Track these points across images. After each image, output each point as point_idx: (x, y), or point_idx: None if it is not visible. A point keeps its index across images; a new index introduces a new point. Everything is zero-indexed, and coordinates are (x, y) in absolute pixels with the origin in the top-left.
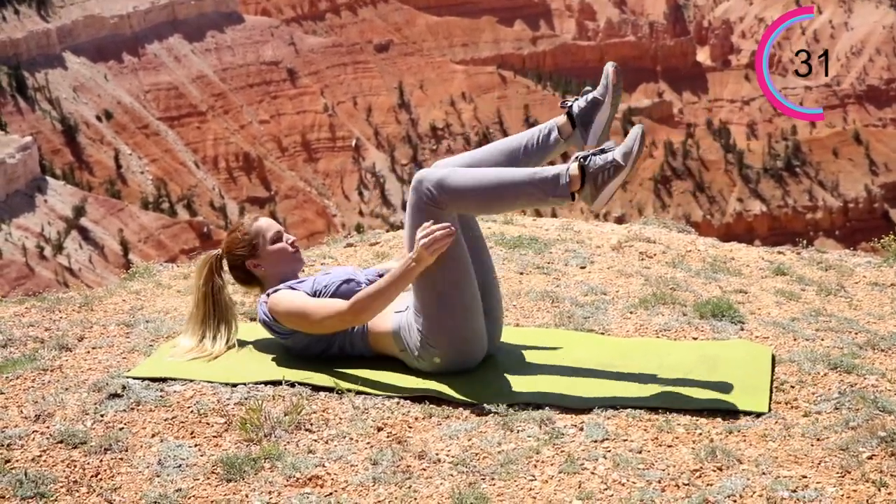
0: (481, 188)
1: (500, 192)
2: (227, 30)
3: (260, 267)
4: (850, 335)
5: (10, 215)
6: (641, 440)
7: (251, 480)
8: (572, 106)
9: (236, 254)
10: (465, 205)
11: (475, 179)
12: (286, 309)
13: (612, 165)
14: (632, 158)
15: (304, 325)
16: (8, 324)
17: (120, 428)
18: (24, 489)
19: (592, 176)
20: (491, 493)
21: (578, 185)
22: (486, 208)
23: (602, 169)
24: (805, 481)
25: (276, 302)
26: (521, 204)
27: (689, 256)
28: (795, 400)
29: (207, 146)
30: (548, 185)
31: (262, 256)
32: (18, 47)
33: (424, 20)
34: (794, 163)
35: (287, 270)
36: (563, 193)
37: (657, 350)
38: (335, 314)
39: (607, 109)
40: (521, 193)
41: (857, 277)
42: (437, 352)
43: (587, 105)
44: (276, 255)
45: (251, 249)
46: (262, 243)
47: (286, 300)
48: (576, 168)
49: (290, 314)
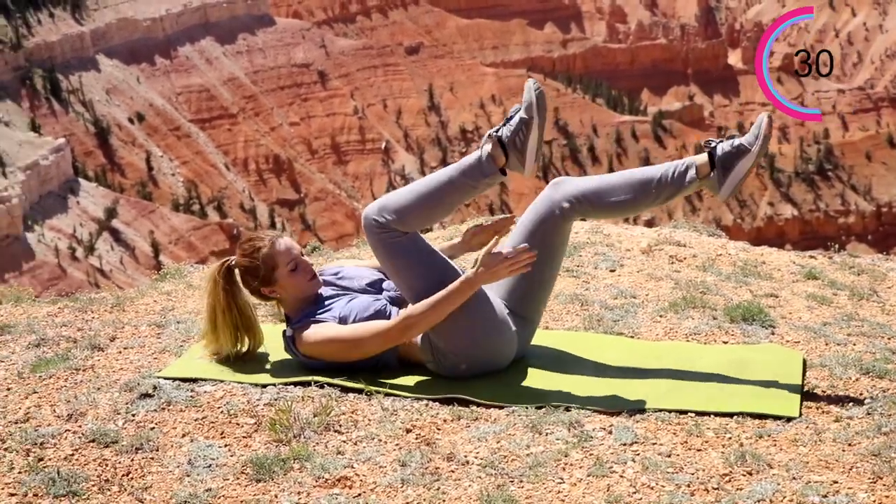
0: (621, 189)
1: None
2: (258, 32)
3: (275, 293)
4: (883, 340)
5: (44, 217)
6: (671, 444)
7: (280, 481)
8: (716, 147)
9: (249, 282)
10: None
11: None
12: (320, 343)
13: (739, 149)
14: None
15: (343, 353)
16: (41, 324)
17: (151, 428)
18: (56, 487)
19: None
20: (519, 496)
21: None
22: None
23: (729, 155)
24: (836, 487)
25: (306, 339)
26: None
27: (719, 260)
28: (826, 405)
29: (238, 148)
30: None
31: (280, 284)
32: (53, 50)
33: (455, 22)
34: (826, 166)
35: (304, 295)
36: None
37: (687, 354)
38: (378, 334)
39: (752, 159)
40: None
41: (890, 282)
42: (461, 359)
43: (732, 150)
44: (294, 284)
45: (267, 281)
46: (280, 273)
47: (317, 335)
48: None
49: (324, 347)
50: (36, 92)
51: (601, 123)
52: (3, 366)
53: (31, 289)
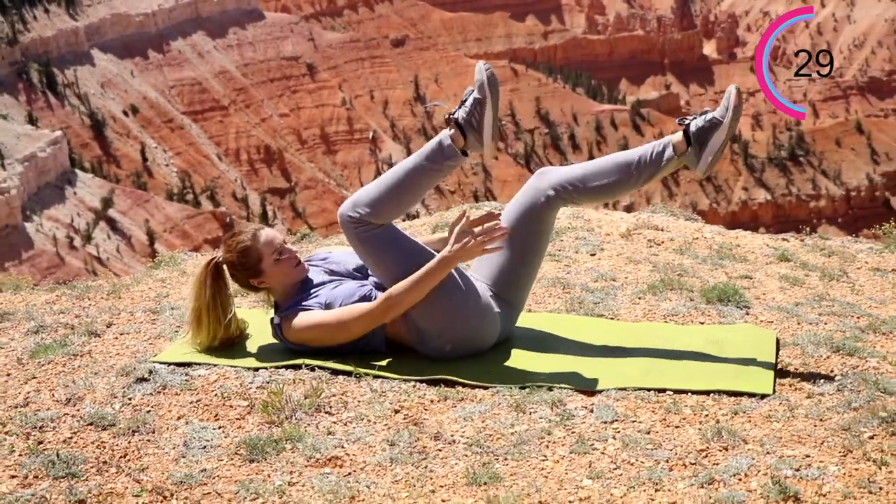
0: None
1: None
2: (248, 26)
3: (263, 283)
4: (853, 319)
5: (42, 207)
6: (650, 421)
7: (273, 461)
8: (690, 123)
9: (237, 275)
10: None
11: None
12: (306, 329)
13: (711, 122)
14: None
15: (329, 337)
16: (40, 311)
17: (147, 411)
18: (56, 469)
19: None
20: (504, 473)
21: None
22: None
23: (703, 129)
24: (808, 460)
25: (292, 326)
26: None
27: (695, 244)
28: (799, 382)
29: (230, 139)
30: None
31: (267, 274)
32: (48, 45)
33: (439, 16)
34: (797, 152)
35: (292, 281)
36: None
37: (665, 334)
38: (362, 316)
39: (725, 131)
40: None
41: (859, 263)
42: (445, 340)
43: (705, 124)
44: (279, 272)
45: (254, 272)
46: (265, 264)
47: (303, 322)
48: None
49: (310, 332)
50: (32, 86)
51: (581, 112)
52: (3, 352)
53: (29, 277)
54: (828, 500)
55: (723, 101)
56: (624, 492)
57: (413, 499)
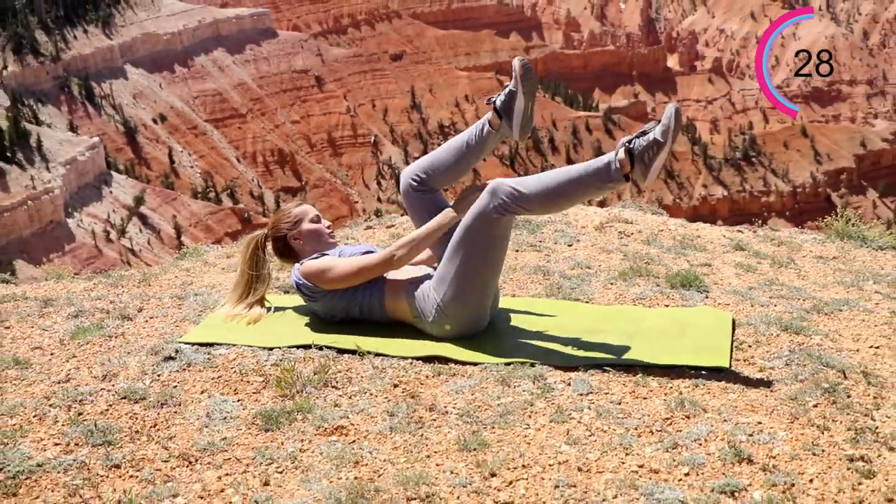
0: (548, 191)
1: (564, 191)
2: (263, 43)
3: (299, 241)
4: (799, 302)
5: (82, 205)
6: (620, 393)
7: (286, 430)
8: (495, 101)
9: (281, 227)
10: (534, 208)
11: (542, 184)
12: (319, 269)
13: (654, 144)
14: (670, 134)
15: (338, 277)
16: (79, 297)
17: (174, 386)
18: (94, 438)
19: (639, 157)
20: (491, 440)
21: (629, 167)
22: (554, 207)
23: (647, 149)
24: (760, 427)
25: (309, 264)
26: (583, 196)
27: (661, 235)
28: (752, 357)
29: (247, 143)
30: (602, 173)
31: (303, 232)
32: (87, 62)
33: (433, 33)
34: (750, 154)
35: (320, 248)
36: (618, 177)
37: (634, 316)
38: (370, 261)
39: (522, 98)
40: (581, 187)
41: (805, 252)
42: (449, 320)
43: (506, 97)
44: (314, 234)
45: (294, 225)
46: (303, 224)
47: (318, 262)
48: (623, 153)
49: (324, 273)
50: (73, 97)
51: (559, 118)
52: (47, 334)
53: (70, 267)
54: (777, 461)
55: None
56: (598, 456)
57: (410, 463)
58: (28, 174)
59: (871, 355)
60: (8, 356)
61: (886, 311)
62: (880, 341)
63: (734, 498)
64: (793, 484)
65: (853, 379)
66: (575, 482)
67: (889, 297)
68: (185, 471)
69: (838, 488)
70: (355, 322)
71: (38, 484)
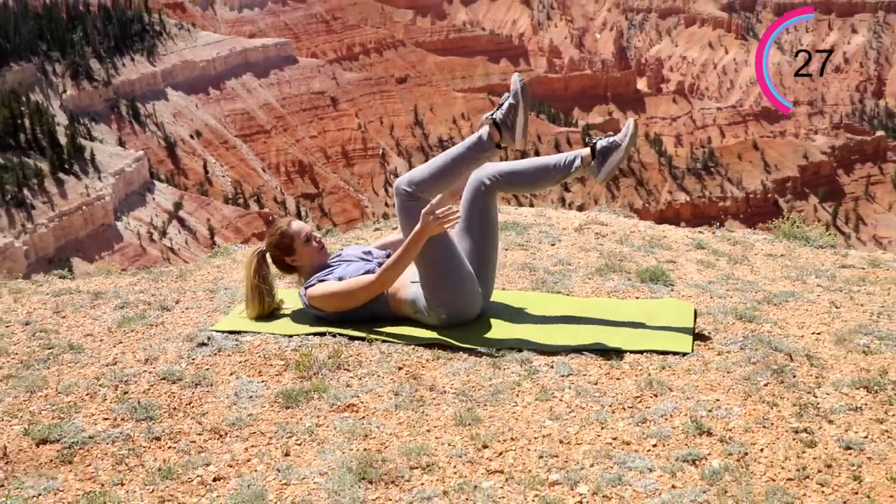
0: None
1: (542, 174)
2: (285, 69)
3: (296, 261)
4: (752, 294)
5: (129, 209)
6: (597, 375)
7: (304, 407)
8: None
9: (276, 255)
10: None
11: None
12: (322, 296)
13: (613, 144)
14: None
15: (339, 303)
16: (125, 291)
17: (206, 368)
18: (137, 413)
19: (600, 152)
20: (484, 416)
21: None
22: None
23: (606, 148)
24: (718, 403)
25: (313, 294)
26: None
27: (632, 235)
28: (711, 343)
29: (271, 155)
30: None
31: (298, 252)
32: (134, 86)
33: (433, 59)
34: (709, 164)
35: (316, 262)
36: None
37: (609, 307)
38: (365, 286)
39: (622, 152)
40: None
41: (756, 250)
42: (441, 310)
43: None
44: (308, 252)
45: (288, 251)
46: (297, 244)
47: (320, 291)
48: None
49: (326, 299)
50: (122, 117)
51: (544, 133)
52: (97, 323)
53: (118, 264)
54: (732, 434)
55: (623, 129)
56: (577, 430)
57: (413, 436)
58: (83, 183)
59: (813, 340)
60: (64, 342)
61: (826, 302)
62: (821, 328)
63: (695, 466)
64: (746, 453)
65: (798, 361)
66: (557, 453)
67: (829, 290)
68: (216, 443)
69: (785, 456)
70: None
71: (90, 453)
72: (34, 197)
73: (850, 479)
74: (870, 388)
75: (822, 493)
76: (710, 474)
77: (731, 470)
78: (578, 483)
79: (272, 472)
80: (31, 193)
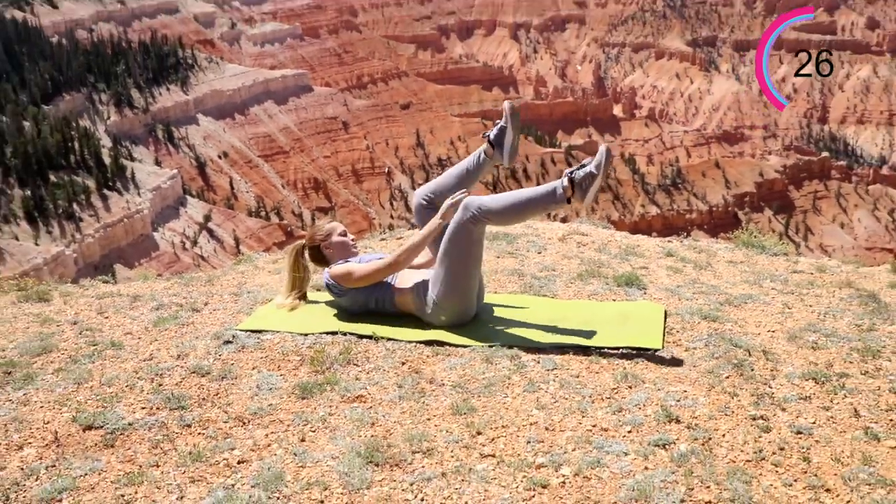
0: (507, 207)
1: (519, 208)
2: (302, 96)
3: (329, 249)
4: (715, 296)
5: (164, 221)
6: (578, 368)
7: (318, 398)
8: (490, 135)
9: (316, 239)
10: (496, 220)
11: (503, 202)
12: (344, 270)
13: (589, 174)
14: (602, 168)
15: (357, 280)
16: (160, 294)
17: (231, 363)
18: (171, 403)
19: (578, 184)
20: (478, 406)
21: (570, 192)
22: (511, 221)
23: (583, 179)
24: (685, 394)
25: (336, 269)
26: (536, 213)
27: (609, 244)
28: (679, 340)
29: (290, 173)
30: (551, 196)
31: (333, 243)
32: (169, 112)
33: (433, 88)
34: (677, 181)
35: (346, 256)
36: (562, 199)
37: (589, 308)
38: (382, 264)
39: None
40: (536, 206)
41: (719, 258)
42: (443, 312)
43: (497, 132)
44: (341, 245)
45: (326, 237)
46: (333, 236)
47: (344, 266)
48: (566, 181)
49: (347, 273)
50: (158, 139)
51: (531, 154)
52: (136, 322)
53: (155, 270)
54: (698, 420)
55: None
56: (561, 417)
57: (414, 424)
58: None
59: (768, 337)
60: (107, 339)
61: (780, 304)
62: (776, 326)
63: (665, 449)
64: (710, 438)
65: (755, 356)
66: (543, 438)
67: (782, 293)
68: (240, 429)
69: (744, 440)
70: (371, 314)
71: (129, 438)
72: (82, 211)
73: (801, 460)
74: (817, 380)
75: (776, 473)
76: (679, 457)
77: (697, 453)
78: (562, 465)
79: (290, 455)
80: (79, 207)
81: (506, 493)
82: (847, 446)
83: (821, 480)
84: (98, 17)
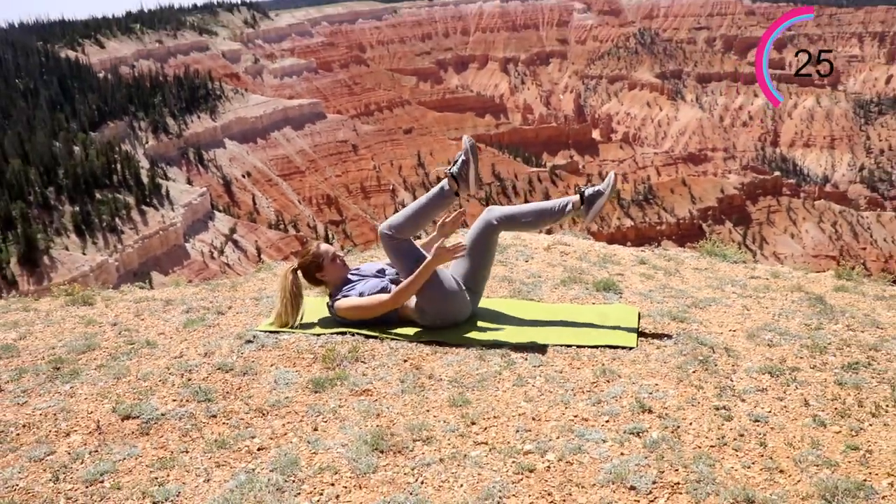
0: (526, 213)
1: (540, 217)
2: (316, 123)
3: (324, 275)
4: (683, 300)
5: (195, 233)
6: (562, 365)
7: (329, 392)
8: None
9: (308, 269)
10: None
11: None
12: (347, 308)
13: (597, 192)
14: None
15: (362, 315)
16: (190, 298)
17: (252, 361)
18: (199, 396)
19: (587, 200)
20: (472, 399)
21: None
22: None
23: (592, 196)
24: (657, 387)
25: (339, 307)
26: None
27: (589, 253)
28: (651, 339)
29: (305, 191)
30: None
31: (325, 268)
32: (199, 137)
33: (432, 115)
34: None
35: (340, 276)
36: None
37: (571, 311)
38: (382, 303)
39: (605, 199)
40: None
41: (686, 265)
42: (436, 318)
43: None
44: (333, 268)
45: (317, 267)
46: (324, 261)
47: (346, 305)
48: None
49: (350, 311)
50: (189, 161)
51: (519, 172)
52: (168, 324)
53: (185, 277)
54: (668, 411)
55: (606, 180)
56: (546, 409)
57: (415, 415)
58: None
59: (730, 336)
60: (143, 339)
61: (740, 306)
62: (736, 326)
63: (639, 437)
64: (678, 426)
65: (719, 353)
66: (530, 428)
67: (741, 296)
68: (260, 420)
69: (708, 428)
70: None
71: (162, 427)
72: (123, 224)
73: (758, 445)
74: (773, 373)
75: (736, 457)
76: (651, 443)
77: (667, 440)
78: (547, 452)
79: (304, 443)
80: (121, 221)
81: (497, 477)
82: (798, 432)
83: (775, 463)
84: (139, 55)
